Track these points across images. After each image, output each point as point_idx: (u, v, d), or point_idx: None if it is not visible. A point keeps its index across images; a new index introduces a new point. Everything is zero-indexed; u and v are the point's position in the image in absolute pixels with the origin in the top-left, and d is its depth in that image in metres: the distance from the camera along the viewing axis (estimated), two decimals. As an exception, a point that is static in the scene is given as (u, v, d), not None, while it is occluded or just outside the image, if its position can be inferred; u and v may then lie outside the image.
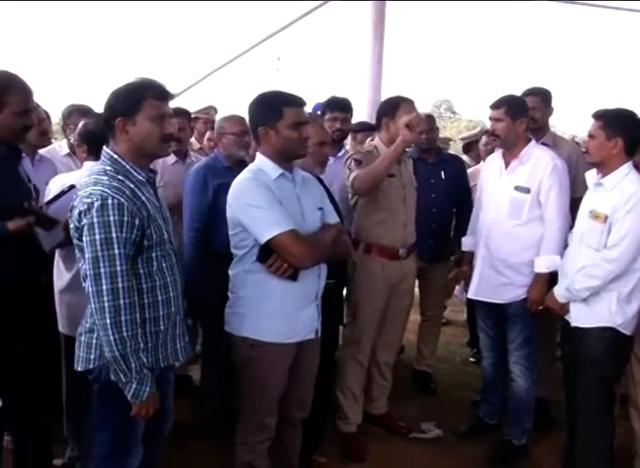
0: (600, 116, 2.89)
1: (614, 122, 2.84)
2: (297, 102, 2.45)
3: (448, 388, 4.39)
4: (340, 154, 3.95)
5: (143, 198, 2.11)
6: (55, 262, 2.73)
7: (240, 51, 8.22)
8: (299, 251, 2.32)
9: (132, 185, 2.09)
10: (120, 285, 1.99)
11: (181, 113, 3.92)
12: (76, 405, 2.88)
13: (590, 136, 2.92)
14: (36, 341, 2.59)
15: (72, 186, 2.55)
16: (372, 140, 3.58)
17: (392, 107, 3.37)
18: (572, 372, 3.03)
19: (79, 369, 2.17)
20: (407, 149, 3.53)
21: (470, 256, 3.60)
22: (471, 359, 4.90)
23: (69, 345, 2.40)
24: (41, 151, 3.56)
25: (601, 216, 2.82)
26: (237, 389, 2.57)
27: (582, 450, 3.02)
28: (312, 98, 3.65)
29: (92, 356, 2.13)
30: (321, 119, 3.72)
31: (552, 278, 3.19)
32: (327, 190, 3.15)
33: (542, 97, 3.70)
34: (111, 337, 1.99)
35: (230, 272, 2.52)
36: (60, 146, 3.82)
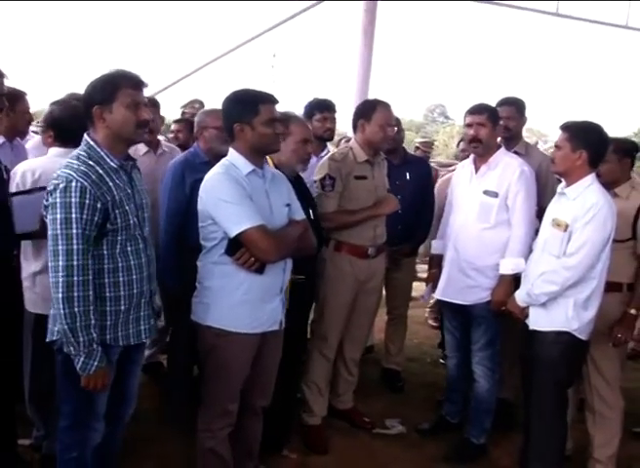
0: (567, 128, 2.99)
1: (580, 134, 2.93)
2: (271, 100, 2.56)
3: (415, 387, 4.49)
4: (322, 154, 4.03)
5: (111, 183, 2.23)
6: (22, 246, 2.80)
7: (233, 46, 8.32)
8: (266, 245, 2.43)
9: (101, 171, 2.22)
10: (75, 262, 2.12)
11: (152, 104, 3.97)
12: (41, 385, 2.95)
13: (557, 146, 3.02)
14: (3, 323, 2.67)
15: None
16: (347, 141, 3.68)
17: (369, 109, 3.48)
18: (529, 375, 3.12)
19: (47, 339, 2.31)
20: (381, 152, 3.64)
21: (439, 259, 3.69)
22: (441, 360, 4.99)
23: (40, 324, 2.50)
24: (32, 142, 3.69)
25: (562, 225, 2.93)
26: (201, 376, 2.66)
27: (534, 452, 3.11)
28: (304, 96, 3.73)
29: (56, 328, 2.25)
30: (307, 119, 3.81)
31: (517, 283, 3.29)
32: (306, 189, 3.25)
33: (517, 106, 3.82)
34: (62, 311, 2.13)
35: (199, 263, 2.61)
36: None
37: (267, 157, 3.05)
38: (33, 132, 4.17)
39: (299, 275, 2.99)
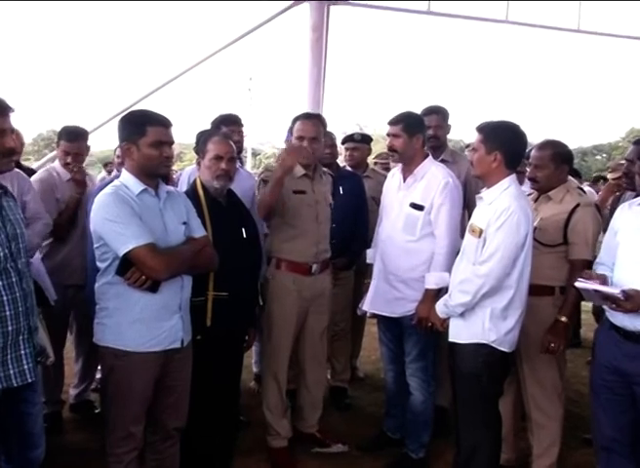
0: (481, 129, 2.96)
1: (492, 135, 2.90)
2: (161, 122, 2.62)
3: (364, 404, 4.51)
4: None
5: None
6: None
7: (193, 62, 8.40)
8: (154, 263, 2.47)
9: None
10: None
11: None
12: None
13: (473, 149, 3.02)
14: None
15: None
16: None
17: (292, 124, 3.58)
18: (454, 387, 3.10)
19: None
20: (324, 168, 3.74)
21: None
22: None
23: None
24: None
25: (476, 231, 2.89)
26: (103, 399, 2.67)
27: (464, 465, 3.06)
28: (282, 116, 3.83)
29: None
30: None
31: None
32: (239, 208, 3.30)
33: (442, 115, 3.90)
34: None
35: (96, 284, 2.65)
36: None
37: (197, 179, 3.14)
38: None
39: (222, 292, 3.04)
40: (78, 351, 4.20)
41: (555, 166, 3.27)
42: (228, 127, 4.02)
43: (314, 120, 3.59)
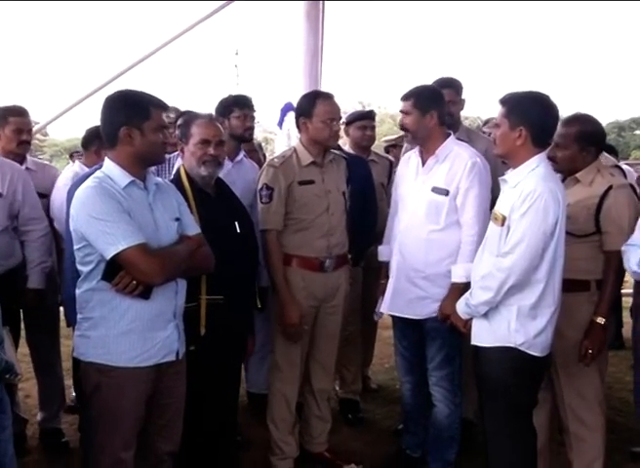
0: (505, 101, 2.93)
1: (517, 108, 2.86)
2: (162, 105, 2.70)
3: (379, 418, 4.56)
4: (238, 158, 4.10)
5: None
6: None
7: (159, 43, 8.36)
8: (147, 266, 2.51)
9: None
10: None
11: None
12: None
13: (495, 124, 3.03)
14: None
15: None
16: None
17: (308, 105, 3.58)
18: (480, 396, 3.11)
19: None
20: (335, 151, 3.77)
21: (388, 268, 3.72)
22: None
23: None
24: None
25: (499, 218, 2.87)
26: (86, 422, 2.69)
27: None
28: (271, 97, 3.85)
29: None
30: (222, 118, 3.92)
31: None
32: (231, 199, 3.38)
33: (455, 88, 3.91)
34: None
35: (77, 291, 2.68)
36: None
37: (181, 167, 3.19)
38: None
39: (216, 296, 3.10)
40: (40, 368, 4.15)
41: (580, 147, 3.23)
42: (242, 110, 4.05)
43: (334, 99, 3.63)
